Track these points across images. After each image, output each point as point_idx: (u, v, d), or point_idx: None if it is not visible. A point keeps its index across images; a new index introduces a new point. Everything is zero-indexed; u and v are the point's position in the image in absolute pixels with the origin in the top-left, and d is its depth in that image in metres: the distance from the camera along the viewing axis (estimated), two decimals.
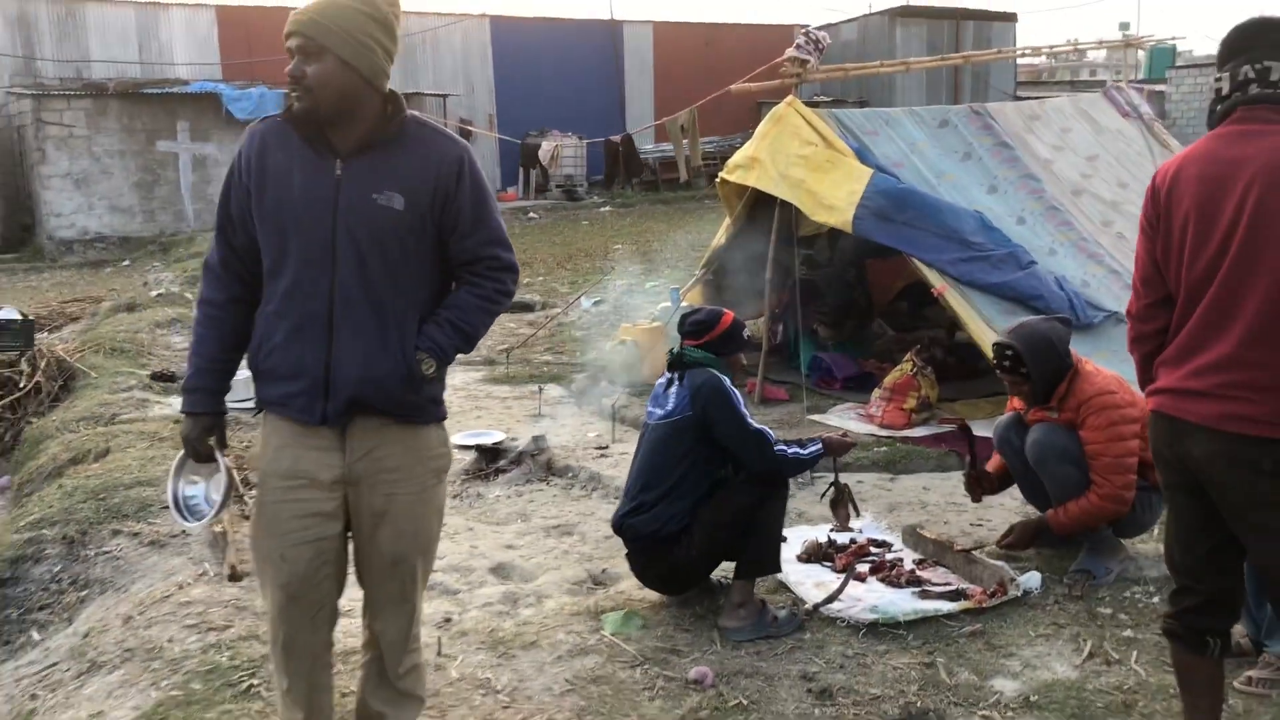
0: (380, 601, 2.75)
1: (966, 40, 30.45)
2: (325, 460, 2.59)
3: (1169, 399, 2.62)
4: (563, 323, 10.24)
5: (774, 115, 7.01)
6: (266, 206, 2.54)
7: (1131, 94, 8.38)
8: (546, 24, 29.31)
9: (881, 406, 6.33)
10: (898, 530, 4.65)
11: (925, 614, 3.84)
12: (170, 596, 4.05)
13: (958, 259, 6.20)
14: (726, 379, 3.95)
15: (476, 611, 4.09)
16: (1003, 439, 4.44)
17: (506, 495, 5.50)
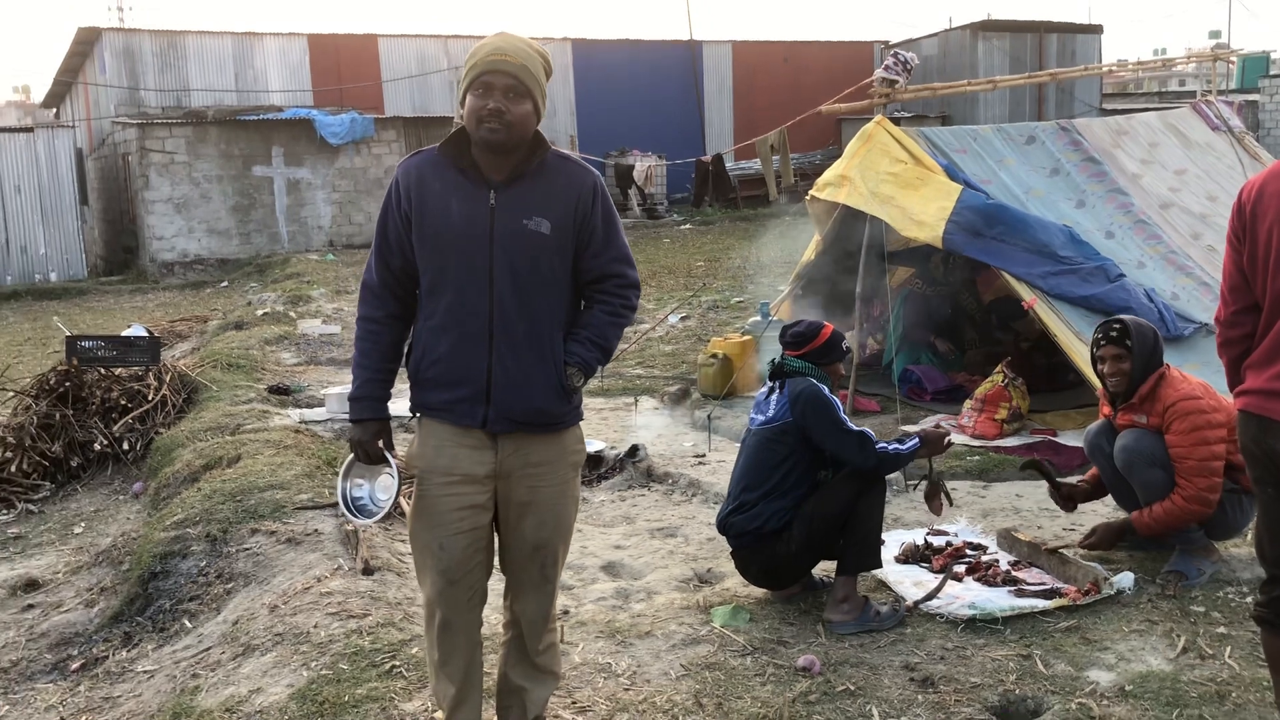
0: (523, 584, 3.04)
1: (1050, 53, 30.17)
2: (479, 458, 2.90)
3: (1256, 399, 2.80)
4: (651, 338, 10.51)
5: (863, 134, 7.21)
6: (426, 232, 2.85)
7: (1221, 107, 8.41)
8: (626, 45, 29.78)
9: (973, 417, 6.48)
10: (992, 534, 4.82)
11: (1021, 610, 4.02)
12: (310, 588, 4.39)
13: (1047, 272, 6.34)
14: (825, 386, 4.19)
15: (591, 605, 4.36)
16: (1094, 446, 4.59)
17: (611, 500, 5.77)
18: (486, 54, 2.77)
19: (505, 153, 2.82)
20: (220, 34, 26.00)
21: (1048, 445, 6.11)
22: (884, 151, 7.02)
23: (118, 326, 12.57)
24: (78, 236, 21.35)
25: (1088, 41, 31.06)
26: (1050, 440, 6.22)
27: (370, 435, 2.96)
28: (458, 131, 2.87)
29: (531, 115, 2.82)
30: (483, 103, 2.77)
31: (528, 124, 2.81)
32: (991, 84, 8.60)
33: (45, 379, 7.41)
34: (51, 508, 6.62)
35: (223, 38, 25.93)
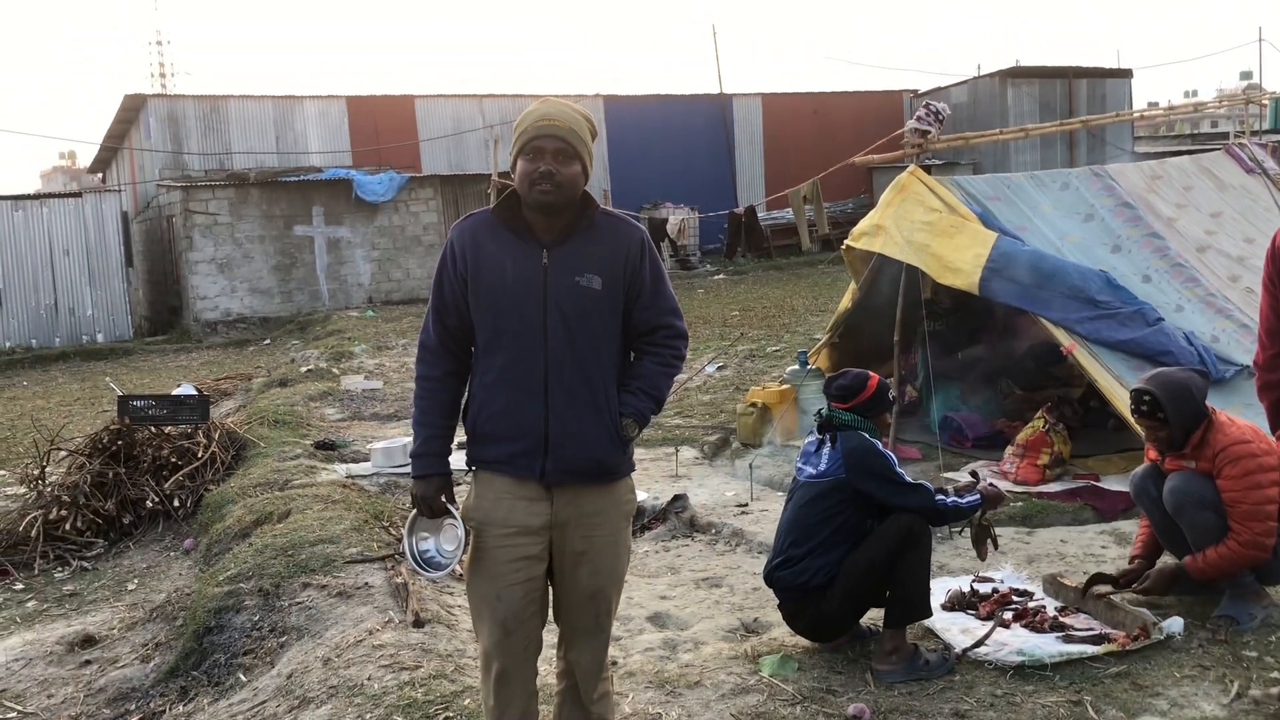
0: (577, 632, 3.10)
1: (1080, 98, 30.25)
2: (535, 509, 2.98)
3: None
4: (688, 388, 10.58)
5: (897, 184, 7.29)
6: (482, 291, 2.95)
7: (1255, 149, 8.44)
8: (658, 100, 30.20)
9: (1015, 463, 6.48)
10: (1038, 580, 4.81)
11: (1070, 656, 4.01)
12: (363, 641, 4.46)
13: (1085, 317, 6.36)
14: (877, 441, 4.23)
15: (639, 656, 4.40)
16: (1140, 489, 4.58)
17: (655, 550, 5.81)
18: (535, 120, 2.89)
19: (556, 213, 2.93)
20: (261, 98, 26.68)
21: (1091, 490, 6.10)
22: (918, 201, 7.10)
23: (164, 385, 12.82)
24: (124, 297, 21.83)
25: (1118, 86, 31.15)
26: (1093, 485, 6.20)
27: (434, 490, 3.03)
28: (509, 194, 2.98)
29: (580, 176, 2.94)
30: (534, 166, 2.88)
31: (577, 184, 2.93)
32: (1024, 132, 8.69)
33: (98, 438, 7.58)
34: (105, 565, 6.75)
35: (263, 101, 26.60)
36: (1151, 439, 4.38)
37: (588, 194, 3.01)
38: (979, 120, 28.84)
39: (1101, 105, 29.75)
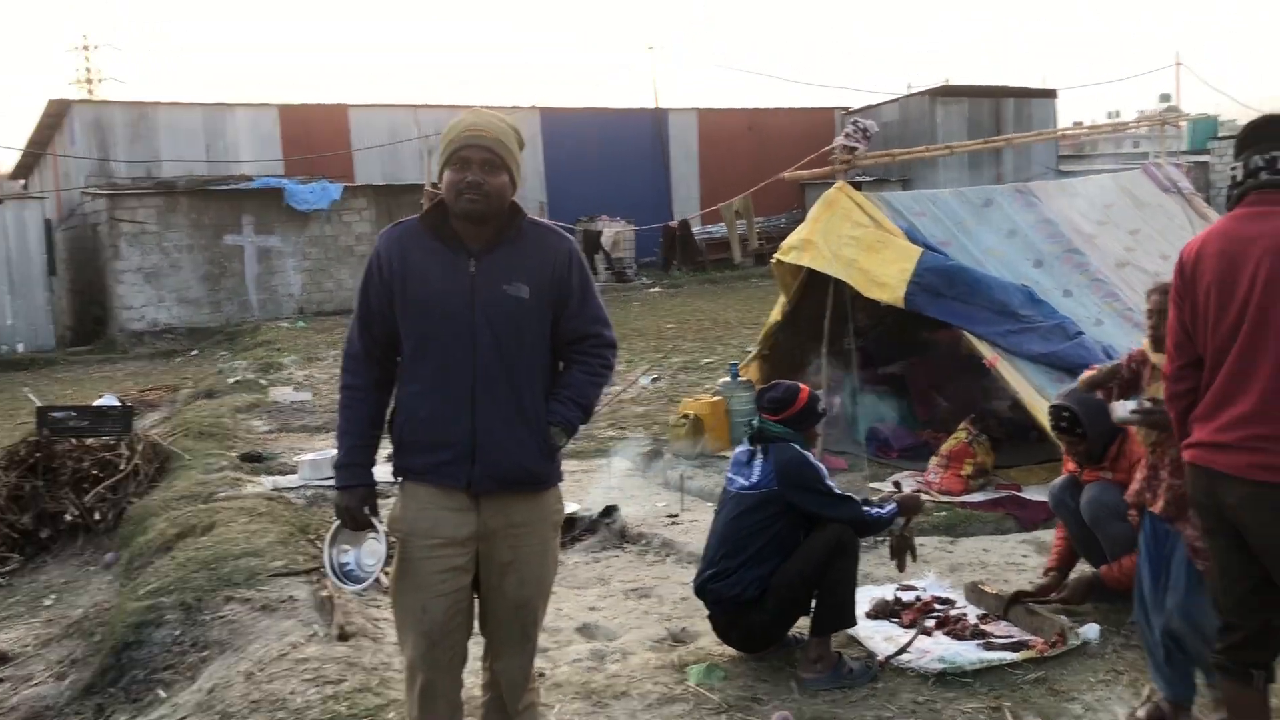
0: (503, 644, 3.09)
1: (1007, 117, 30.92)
2: (462, 520, 2.97)
3: (1203, 451, 2.93)
4: (622, 399, 10.60)
5: (825, 199, 7.40)
6: (409, 300, 2.95)
7: (1170, 169, 8.71)
8: (593, 114, 30.27)
9: (939, 473, 6.60)
10: (960, 588, 4.91)
11: (990, 663, 4.10)
12: (286, 655, 4.40)
13: (1007, 331, 6.51)
14: (808, 453, 4.28)
15: (567, 667, 4.40)
16: (1058, 501, 4.70)
17: (585, 561, 5.81)
18: (463, 130, 2.91)
19: (484, 222, 2.94)
20: (191, 106, 26.25)
21: (1012, 500, 6.23)
22: (846, 216, 7.21)
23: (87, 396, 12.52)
24: (46, 307, 21.25)
25: (1043, 105, 31.90)
26: (1015, 495, 6.33)
27: (358, 501, 3.01)
28: (437, 203, 2.98)
29: (508, 186, 2.95)
30: (461, 176, 2.89)
31: (504, 194, 2.94)
32: (949, 149, 8.87)
33: (14, 450, 7.39)
34: (20, 580, 6.57)
35: (193, 109, 26.17)
36: (1071, 453, 4.50)
37: (515, 204, 3.02)
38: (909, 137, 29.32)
39: (1028, 124, 30.45)
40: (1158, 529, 3.56)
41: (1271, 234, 2.80)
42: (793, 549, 4.19)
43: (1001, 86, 31.54)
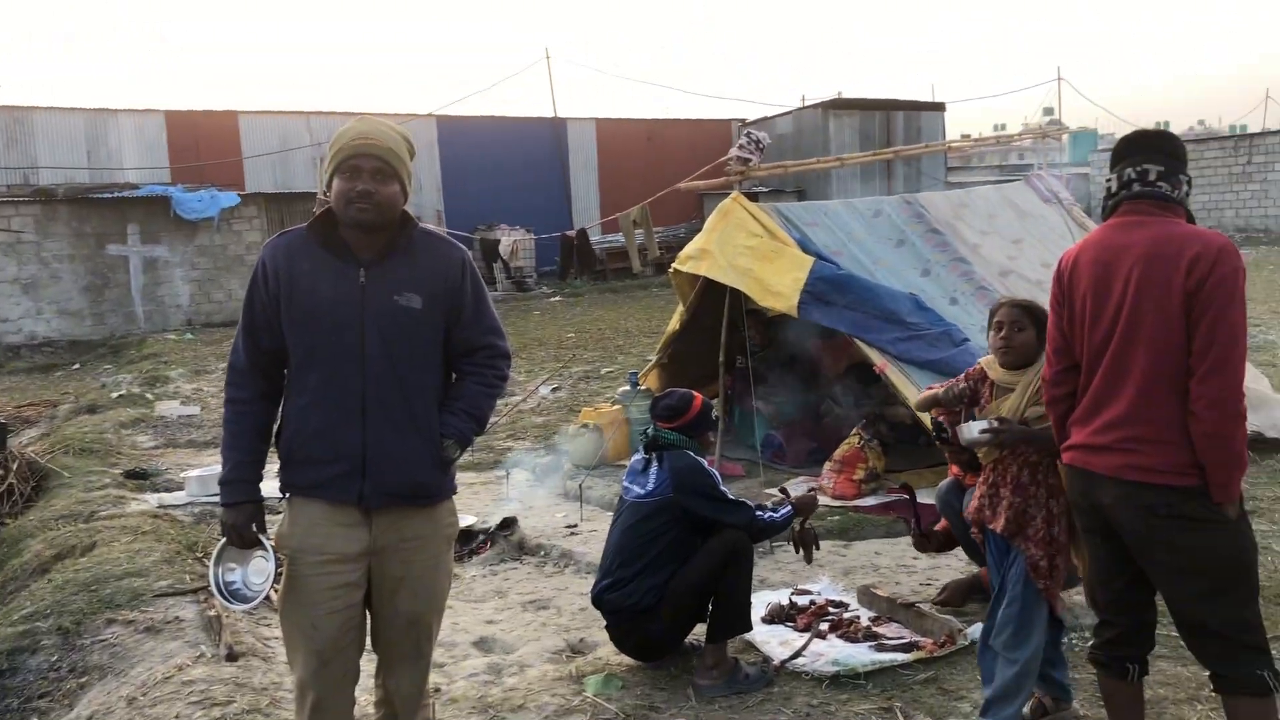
0: (396, 660, 3.04)
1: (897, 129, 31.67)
2: (353, 535, 2.91)
3: (1080, 454, 3.04)
4: (522, 410, 10.54)
5: (721, 210, 7.48)
6: (296, 311, 2.87)
7: (1051, 180, 9.01)
8: (491, 122, 30.09)
9: (832, 478, 6.71)
10: (853, 591, 5.00)
11: (882, 665, 4.18)
12: (171, 678, 4.25)
13: (896, 338, 6.65)
14: (703, 460, 4.32)
15: (463, 682, 4.35)
16: (944, 502, 4.82)
17: (482, 574, 5.75)
18: (353, 138, 2.85)
19: (374, 231, 2.90)
20: (71, 110, 25.31)
21: (903, 503, 6.35)
22: (741, 226, 7.29)
23: None
24: None
25: (932, 118, 32.74)
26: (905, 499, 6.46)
27: (245, 518, 2.92)
28: (325, 212, 2.93)
29: (399, 195, 2.92)
30: (351, 185, 2.85)
31: (395, 204, 2.90)
32: (840, 161, 9.03)
33: None
34: None
35: (74, 114, 25.24)
36: (954, 462, 4.62)
37: (407, 213, 2.99)
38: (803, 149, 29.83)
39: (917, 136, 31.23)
40: (998, 545, 3.66)
41: (1143, 242, 2.92)
42: (689, 556, 4.21)
43: (892, 100, 32.28)
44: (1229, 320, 2.77)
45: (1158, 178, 2.99)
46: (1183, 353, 2.83)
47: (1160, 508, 2.86)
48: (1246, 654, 2.92)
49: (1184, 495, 2.85)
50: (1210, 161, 28.80)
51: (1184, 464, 2.84)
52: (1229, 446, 2.79)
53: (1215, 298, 2.77)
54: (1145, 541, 2.94)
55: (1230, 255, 2.81)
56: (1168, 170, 3.00)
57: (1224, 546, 2.89)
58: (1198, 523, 2.86)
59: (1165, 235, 2.90)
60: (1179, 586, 2.96)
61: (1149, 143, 3.08)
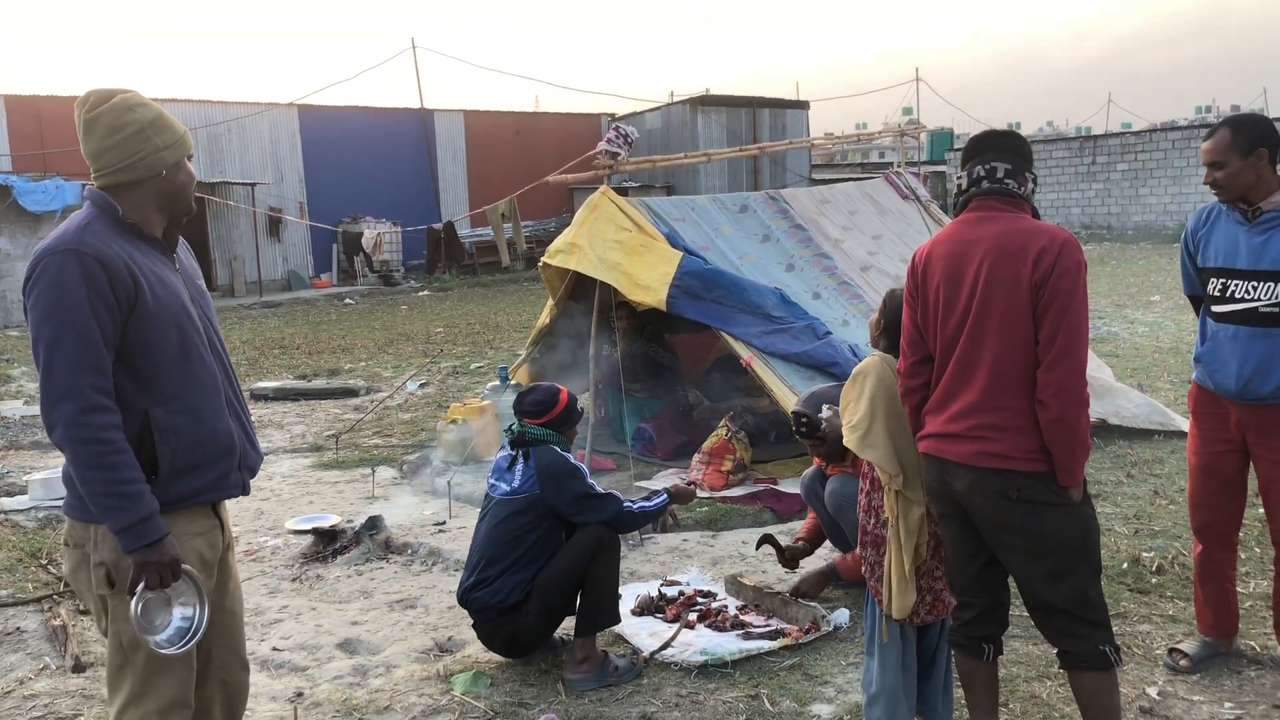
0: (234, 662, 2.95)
1: (763, 126, 32.22)
2: (213, 539, 2.81)
3: (934, 442, 3.13)
4: (389, 406, 10.35)
5: (590, 204, 7.47)
6: (151, 308, 2.61)
7: (909, 178, 9.29)
8: (356, 112, 29.44)
9: (701, 470, 6.78)
10: (721, 581, 5.06)
11: (749, 653, 4.24)
12: (12, 692, 4.04)
13: (762, 332, 6.77)
14: (569, 455, 4.30)
15: (327, 685, 4.23)
16: (809, 490, 4.93)
17: (347, 575, 5.62)
18: (184, 130, 2.78)
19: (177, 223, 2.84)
20: None
21: (770, 494, 6.48)
22: (610, 220, 7.30)
23: None
24: None
25: (797, 116, 33.42)
26: (772, 489, 6.59)
27: (174, 549, 2.61)
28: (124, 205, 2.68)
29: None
30: (192, 176, 2.80)
31: None
32: (706, 157, 9.12)
33: None
34: None
35: None
36: (814, 454, 4.73)
37: None
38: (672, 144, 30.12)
39: (782, 134, 31.85)
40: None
41: (992, 237, 3.03)
42: (555, 552, 4.20)
43: (759, 97, 32.82)
44: (1073, 311, 2.89)
45: (1005, 175, 3.11)
46: (1030, 343, 2.94)
47: (1011, 492, 2.98)
48: (1090, 630, 3.05)
49: (1033, 480, 2.97)
50: (1058, 161, 30.14)
51: (1032, 450, 2.96)
52: (1074, 432, 2.92)
53: (1060, 290, 2.89)
54: (997, 525, 3.05)
55: (1073, 249, 2.93)
56: (1015, 168, 3.11)
57: (1070, 528, 3.02)
58: (1045, 506, 2.98)
59: (1012, 230, 3.01)
60: (1029, 567, 3.08)
61: (997, 142, 3.19)
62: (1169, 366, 9.91)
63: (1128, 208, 28.96)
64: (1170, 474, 6.47)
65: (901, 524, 3.29)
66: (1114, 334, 12.18)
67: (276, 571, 5.72)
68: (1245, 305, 3.69)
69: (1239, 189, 3.67)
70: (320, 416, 10.25)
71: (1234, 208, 3.74)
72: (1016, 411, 2.96)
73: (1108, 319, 13.36)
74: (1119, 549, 5.22)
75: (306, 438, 9.24)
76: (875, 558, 3.46)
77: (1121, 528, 5.58)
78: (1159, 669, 3.98)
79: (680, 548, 5.73)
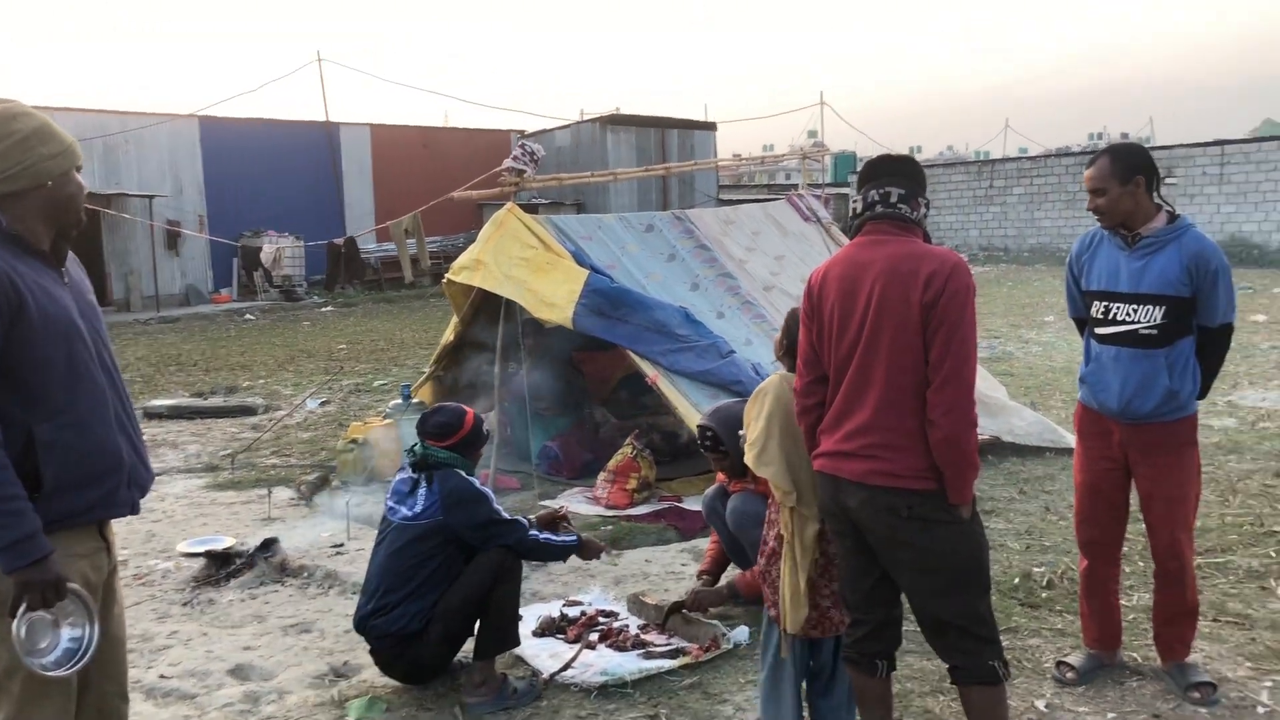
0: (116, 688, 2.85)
1: (671, 146, 32.50)
2: (99, 563, 2.71)
3: (829, 460, 3.18)
4: (288, 425, 10.13)
5: (496, 220, 7.44)
6: (36, 322, 2.53)
7: (811, 200, 9.44)
8: (259, 124, 28.87)
9: (606, 488, 6.77)
10: (623, 601, 5.05)
11: (649, 672, 4.24)
12: None
13: (667, 350, 6.80)
14: (475, 479, 4.22)
15: (216, 713, 4.11)
16: (710, 508, 4.96)
17: (240, 599, 5.47)
18: (72, 140, 2.70)
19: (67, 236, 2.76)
20: None
21: (674, 512, 6.50)
22: (515, 237, 7.27)
23: None
24: None
25: (704, 138, 33.79)
26: (676, 506, 6.61)
27: (58, 567, 2.51)
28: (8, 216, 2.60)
29: None
30: (82, 188, 2.72)
31: None
32: (613, 175, 9.15)
33: None
34: None
35: None
36: (717, 468, 4.76)
37: None
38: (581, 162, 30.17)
39: (690, 154, 32.17)
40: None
41: (884, 259, 3.09)
42: (456, 577, 4.13)
43: (667, 118, 33.10)
44: (961, 333, 2.97)
45: (898, 200, 3.18)
46: (920, 364, 3.00)
47: (902, 510, 3.03)
48: (980, 646, 3.12)
49: (923, 498, 3.03)
50: (956, 185, 30.97)
51: (923, 468, 3.02)
52: (963, 452, 2.98)
53: (949, 312, 2.96)
54: (889, 542, 3.10)
55: (962, 272, 3.01)
56: (908, 193, 3.19)
57: (960, 545, 3.08)
58: (936, 524, 3.04)
59: (904, 253, 3.08)
60: (920, 584, 3.14)
61: (892, 167, 3.26)
62: (1061, 385, 10.22)
63: (1024, 230, 29.87)
64: (1061, 490, 6.66)
65: (797, 540, 3.34)
66: (1009, 353, 12.53)
67: (167, 596, 5.54)
68: (1126, 328, 3.83)
69: (1119, 215, 3.81)
70: (216, 435, 9.99)
71: (1115, 233, 3.88)
72: (907, 431, 3.02)
73: (1003, 339, 13.75)
74: (1011, 564, 5.35)
75: (201, 457, 8.99)
76: (776, 574, 3.49)
77: (1013, 543, 5.73)
78: (1047, 681, 4.09)
79: (583, 567, 5.69)
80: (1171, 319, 3.75)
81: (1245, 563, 5.27)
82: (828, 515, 3.28)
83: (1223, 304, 3.76)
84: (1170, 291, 3.74)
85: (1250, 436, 7.96)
